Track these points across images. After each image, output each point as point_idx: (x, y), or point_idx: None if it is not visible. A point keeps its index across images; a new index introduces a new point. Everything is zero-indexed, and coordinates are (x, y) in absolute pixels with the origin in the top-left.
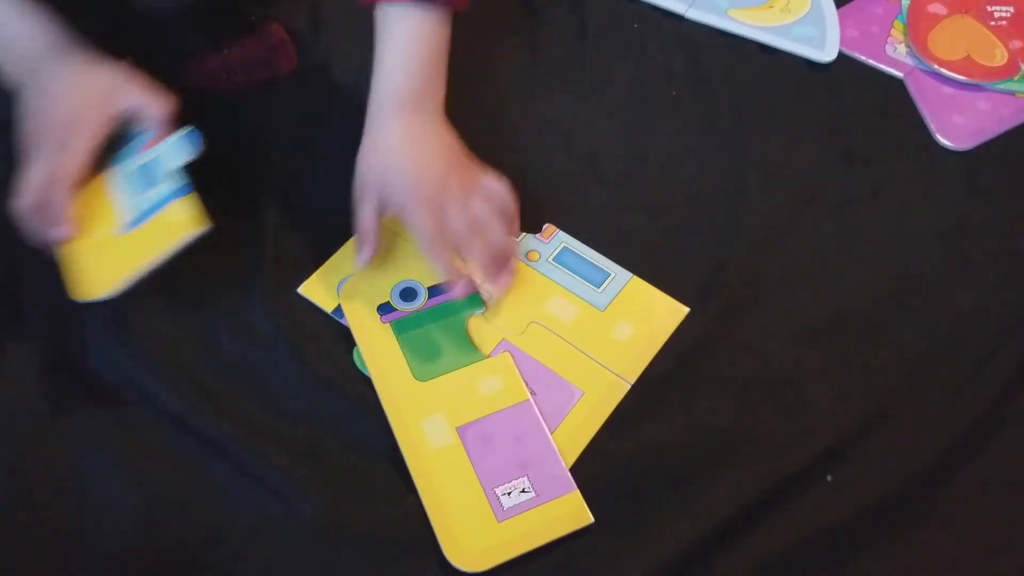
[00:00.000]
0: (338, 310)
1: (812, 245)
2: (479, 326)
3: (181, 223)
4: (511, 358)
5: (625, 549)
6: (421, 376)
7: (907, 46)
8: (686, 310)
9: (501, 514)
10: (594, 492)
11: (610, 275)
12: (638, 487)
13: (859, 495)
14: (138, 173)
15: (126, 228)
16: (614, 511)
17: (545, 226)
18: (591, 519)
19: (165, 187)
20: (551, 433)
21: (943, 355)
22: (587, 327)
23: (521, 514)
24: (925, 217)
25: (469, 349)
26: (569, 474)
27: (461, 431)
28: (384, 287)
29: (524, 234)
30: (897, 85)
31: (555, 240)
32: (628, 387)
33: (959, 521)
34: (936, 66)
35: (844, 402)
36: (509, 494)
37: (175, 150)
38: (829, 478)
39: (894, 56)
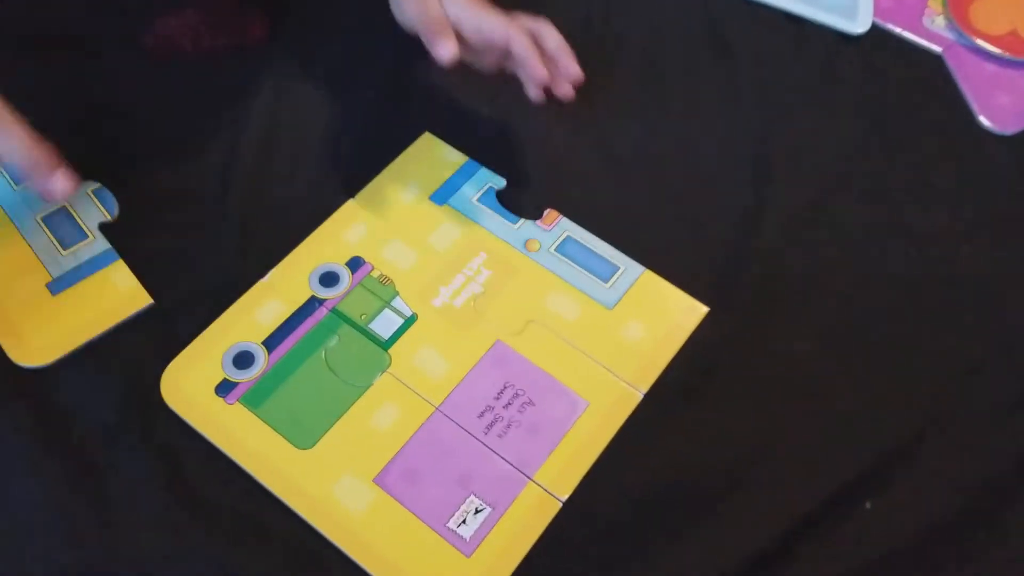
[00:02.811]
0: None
1: (846, 237)
2: (472, 323)
3: (120, 297)
4: (392, 377)
5: None
6: (304, 443)
7: (946, 18)
8: (705, 309)
9: (466, 547)
10: (601, 518)
11: (619, 268)
12: (651, 513)
13: (903, 525)
14: (52, 225)
15: (56, 286)
16: (625, 540)
17: (546, 211)
18: (560, 501)
19: (87, 248)
20: (555, 446)
21: (995, 364)
22: (593, 327)
23: (487, 536)
24: (970, 207)
25: (342, 388)
26: (514, 467)
27: (380, 481)
28: (211, 361)
29: (522, 220)
30: (936, 61)
31: (557, 228)
32: (640, 397)
33: (1020, 556)
34: (978, 40)
35: (884, 416)
36: (464, 522)
37: (88, 206)
38: (868, 505)
39: (932, 29)
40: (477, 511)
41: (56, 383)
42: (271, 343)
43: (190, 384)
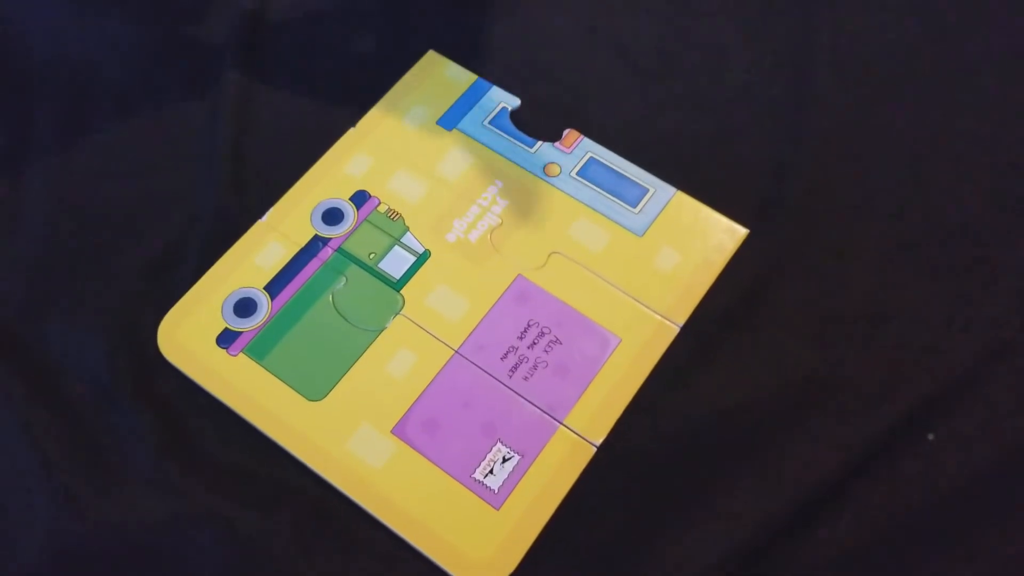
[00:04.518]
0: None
1: (901, 145)
2: (489, 258)
3: None
4: (406, 319)
5: (683, 532)
6: (315, 394)
7: None
8: (745, 231)
9: (495, 499)
10: (639, 462)
11: (649, 191)
12: (694, 455)
13: (969, 457)
14: None
15: None
16: (667, 484)
17: (566, 132)
18: (594, 446)
19: None
20: (586, 387)
21: None
22: (622, 257)
23: (517, 486)
24: None
25: (353, 333)
26: (542, 411)
27: (398, 431)
28: (211, 310)
29: (539, 143)
30: None
31: (579, 149)
32: (676, 330)
33: None
34: None
35: (947, 342)
36: (491, 472)
37: None
38: (931, 437)
39: None
40: (505, 460)
41: (43, 337)
42: (273, 288)
43: (189, 335)
